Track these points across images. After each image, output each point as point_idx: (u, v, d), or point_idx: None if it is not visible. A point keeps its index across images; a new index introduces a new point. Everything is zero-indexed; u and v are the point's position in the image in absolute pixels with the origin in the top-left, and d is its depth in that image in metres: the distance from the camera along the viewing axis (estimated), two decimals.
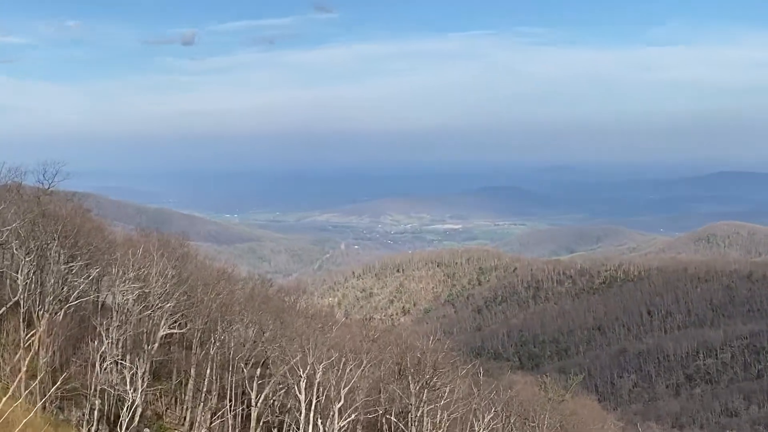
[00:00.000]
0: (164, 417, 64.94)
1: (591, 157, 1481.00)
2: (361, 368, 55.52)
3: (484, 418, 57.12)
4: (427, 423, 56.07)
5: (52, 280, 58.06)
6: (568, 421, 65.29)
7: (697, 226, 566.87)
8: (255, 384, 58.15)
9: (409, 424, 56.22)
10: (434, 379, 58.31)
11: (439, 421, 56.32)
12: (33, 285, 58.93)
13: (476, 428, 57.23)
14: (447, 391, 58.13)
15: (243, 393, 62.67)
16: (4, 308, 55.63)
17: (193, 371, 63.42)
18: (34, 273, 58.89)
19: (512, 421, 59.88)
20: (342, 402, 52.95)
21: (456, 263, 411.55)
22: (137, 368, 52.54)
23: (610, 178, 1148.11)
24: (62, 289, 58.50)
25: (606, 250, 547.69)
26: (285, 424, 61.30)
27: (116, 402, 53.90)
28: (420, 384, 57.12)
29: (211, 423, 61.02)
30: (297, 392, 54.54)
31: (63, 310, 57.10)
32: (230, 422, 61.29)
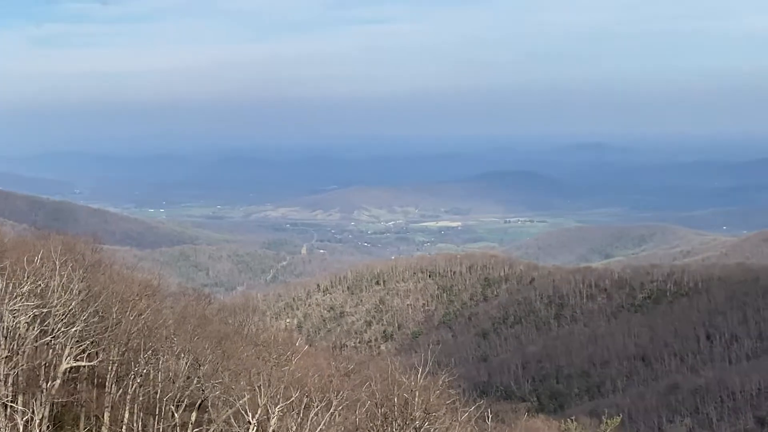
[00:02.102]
0: None
1: (633, 131, 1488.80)
2: (330, 412, 55.69)
3: None
4: None
5: None
6: None
7: None
8: None
9: None
10: (426, 426, 58.57)
11: None
12: None
13: None
14: None
15: None
16: None
17: (106, 416, 63.30)
18: None
19: None
20: None
21: (454, 273, 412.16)
22: (33, 413, 52.20)
23: (659, 160, 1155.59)
24: None
25: (652, 255, 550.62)
26: None
27: None
28: (408, 430, 57.38)
29: None
30: None
31: None
32: None
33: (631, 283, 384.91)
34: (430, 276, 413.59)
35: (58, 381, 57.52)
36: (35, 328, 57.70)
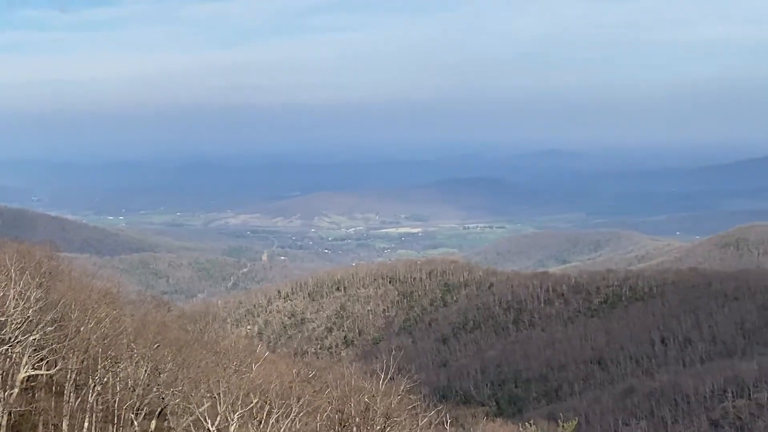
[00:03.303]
0: None
1: (592, 139, 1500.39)
2: (290, 418, 55.44)
3: None
4: None
5: None
6: None
7: (724, 228, 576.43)
8: None
9: None
10: (387, 431, 58.45)
11: None
12: None
13: None
14: None
15: None
16: None
17: (65, 425, 62.71)
18: None
19: None
20: None
21: (414, 279, 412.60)
22: None
23: (615, 167, 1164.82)
24: None
25: (609, 260, 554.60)
26: None
27: None
28: None
29: None
30: None
31: None
32: None
33: (588, 288, 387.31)
34: (390, 282, 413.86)
35: (16, 390, 56.99)
36: None
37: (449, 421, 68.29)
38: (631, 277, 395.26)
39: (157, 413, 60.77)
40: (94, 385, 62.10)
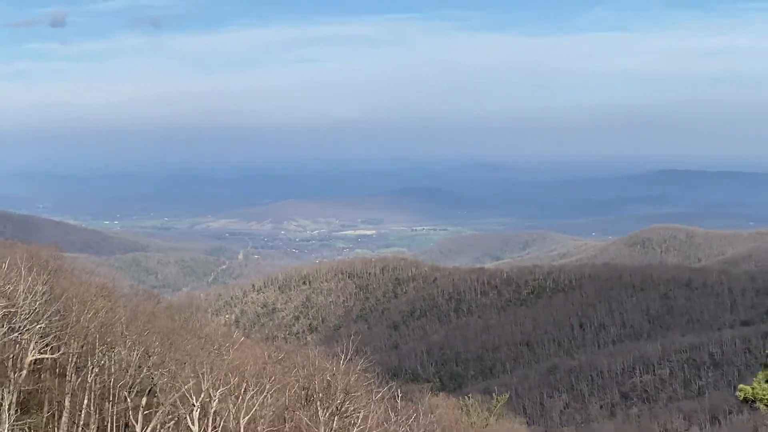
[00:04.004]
0: None
1: (521, 153, 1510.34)
2: (264, 394, 55.31)
3: None
4: None
5: None
6: None
7: (632, 229, 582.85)
8: (140, 415, 57.22)
9: None
10: (346, 405, 58.42)
11: None
12: None
13: None
14: (360, 417, 58.38)
15: (126, 426, 61.61)
16: None
17: (67, 402, 62.04)
18: None
19: None
20: None
21: (369, 274, 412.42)
22: (2, 400, 51.25)
23: (541, 177, 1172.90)
24: None
25: (534, 257, 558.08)
26: None
27: None
28: (330, 411, 57.15)
29: None
30: (189, 423, 53.92)
31: None
32: None
33: (517, 281, 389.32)
34: (348, 277, 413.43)
35: (25, 371, 56.53)
36: (4, 326, 56.55)
37: (399, 396, 68.38)
38: (554, 272, 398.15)
39: (147, 391, 60.31)
40: (93, 367, 61.56)
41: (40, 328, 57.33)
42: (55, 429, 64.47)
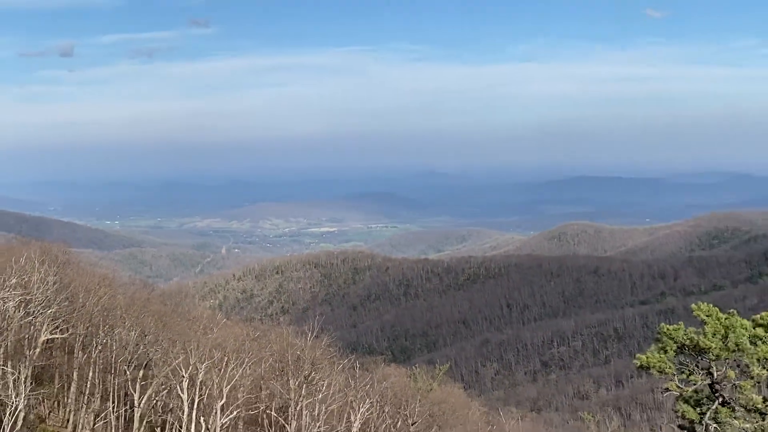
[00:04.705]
0: (47, 420, 62.78)
1: (459, 162, 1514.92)
2: (243, 367, 55.26)
3: (359, 408, 57.93)
4: (306, 416, 56.31)
5: None
6: (436, 409, 66.90)
7: (550, 226, 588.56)
8: (138, 385, 56.87)
9: (289, 418, 56.34)
10: (313, 375, 58.59)
11: (318, 414, 56.67)
12: None
13: (352, 419, 57.94)
14: (325, 385, 58.54)
15: (126, 395, 61.15)
16: None
17: (75, 375, 61.49)
18: None
19: (386, 410, 60.92)
20: (224, 400, 52.58)
21: (332, 264, 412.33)
22: (19, 373, 50.69)
23: (476, 183, 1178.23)
24: None
25: (470, 249, 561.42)
26: (168, 424, 60.21)
27: None
28: (299, 380, 57.28)
29: (94, 425, 59.31)
30: (180, 392, 53.72)
31: None
32: (113, 423, 59.76)
33: (456, 269, 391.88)
34: (315, 267, 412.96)
35: (38, 349, 55.99)
36: (20, 311, 56.11)
37: (357, 366, 68.65)
38: (486, 262, 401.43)
39: (143, 365, 59.93)
40: (97, 345, 61.04)
41: (51, 312, 57.05)
42: (65, 398, 63.91)
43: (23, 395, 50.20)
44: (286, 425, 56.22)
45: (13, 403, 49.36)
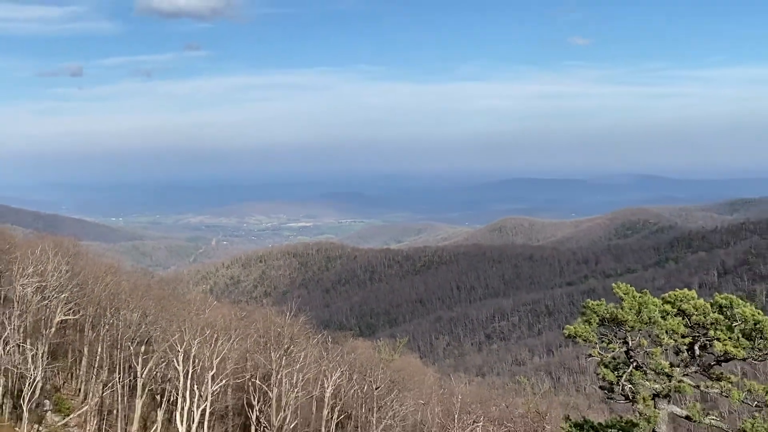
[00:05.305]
0: (61, 390, 62.13)
1: (416, 167, 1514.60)
2: (231, 342, 54.97)
3: (332, 376, 58.07)
4: (286, 383, 56.31)
5: None
6: (397, 375, 67.14)
7: (492, 220, 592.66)
8: (140, 359, 56.31)
9: (272, 385, 56.28)
10: (291, 348, 58.56)
11: (296, 381, 56.67)
12: None
13: (326, 385, 58.08)
14: (302, 356, 58.54)
15: (130, 367, 60.44)
16: None
17: (86, 350, 60.87)
18: None
19: (354, 377, 61.07)
20: (214, 370, 52.28)
21: (308, 254, 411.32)
22: (37, 349, 50.18)
23: (429, 184, 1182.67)
24: None
25: (425, 240, 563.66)
26: (166, 392, 59.69)
27: (19, 379, 51.59)
28: (280, 352, 57.21)
29: (102, 393, 58.63)
30: (176, 364, 53.26)
31: None
32: (119, 392, 59.22)
33: (413, 257, 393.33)
34: (293, 256, 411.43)
35: (53, 329, 55.46)
36: (37, 295, 55.63)
37: (329, 340, 68.66)
38: (439, 251, 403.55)
39: (145, 341, 59.27)
40: (104, 325, 60.36)
41: (64, 296, 56.87)
42: (77, 370, 63.12)
43: (41, 368, 49.85)
44: (269, 391, 56.10)
45: (32, 375, 49.23)
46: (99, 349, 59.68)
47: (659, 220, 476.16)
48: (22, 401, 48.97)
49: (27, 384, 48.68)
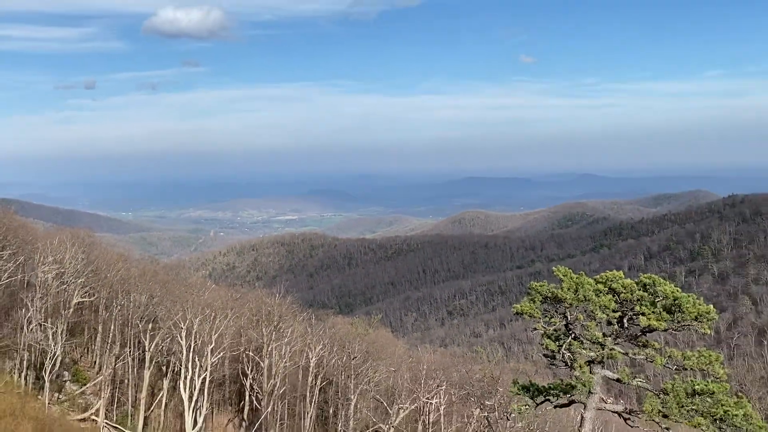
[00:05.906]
0: (79, 363, 61.36)
1: (386, 168, 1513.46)
2: (227, 319, 54.71)
3: (315, 348, 58.12)
4: (275, 355, 56.25)
5: None
6: (371, 347, 67.32)
7: (452, 213, 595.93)
8: (148, 335, 55.76)
9: (263, 356, 56.19)
10: (280, 324, 58.48)
11: (284, 353, 56.64)
12: None
13: (310, 356, 58.10)
14: (289, 331, 58.51)
15: (139, 342, 59.80)
16: None
17: (100, 328, 60.14)
18: None
19: (334, 349, 61.16)
20: (213, 344, 52.01)
21: (294, 243, 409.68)
22: (57, 328, 49.61)
23: (398, 182, 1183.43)
24: None
25: (396, 231, 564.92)
26: (171, 363, 59.23)
27: (41, 354, 51.07)
28: (270, 328, 57.12)
29: (115, 365, 57.99)
30: (179, 339, 52.85)
31: None
32: (130, 364, 58.73)
33: (386, 245, 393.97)
34: (281, 245, 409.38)
35: (71, 309, 54.80)
36: (57, 281, 54.85)
37: (313, 318, 68.62)
38: (408, 239, 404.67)
39: (152, 320, 58.69)
40: (116, 306, 59.70)
41: (81, 281, 56.35)
42: (92, 346, 62.34)
43: (60, 344, 49.47)
44: (261, 362, 55.99)
45: (52, 350, 48.94)
46: (111, 327, 59.12)
47: (594, 212, 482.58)
48: (44, 373, 48.70)
49: (48, 358, 48.35)
